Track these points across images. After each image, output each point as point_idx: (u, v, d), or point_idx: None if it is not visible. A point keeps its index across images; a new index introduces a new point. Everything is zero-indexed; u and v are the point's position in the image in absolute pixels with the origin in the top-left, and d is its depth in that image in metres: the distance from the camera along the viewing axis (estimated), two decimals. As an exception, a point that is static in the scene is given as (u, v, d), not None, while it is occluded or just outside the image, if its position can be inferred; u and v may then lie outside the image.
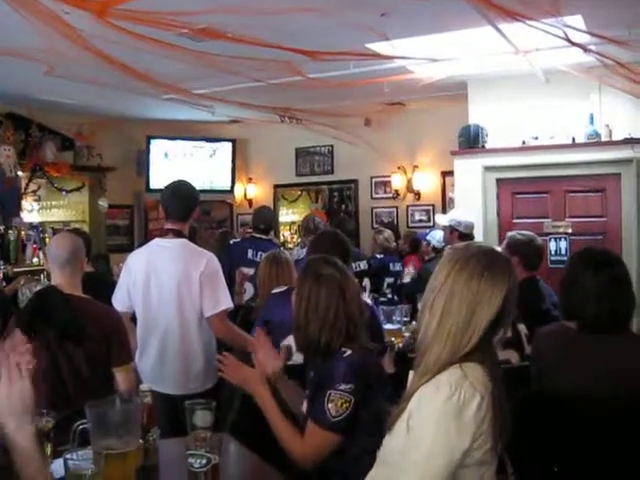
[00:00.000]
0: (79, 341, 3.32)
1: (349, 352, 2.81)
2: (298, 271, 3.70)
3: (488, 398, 2.05)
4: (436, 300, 2.17)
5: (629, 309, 3.19)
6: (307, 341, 2.93)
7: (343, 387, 2.70)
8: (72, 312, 3.34)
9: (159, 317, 4.13)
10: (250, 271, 5.83)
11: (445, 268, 2.20)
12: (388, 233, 7.85)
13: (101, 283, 4.98)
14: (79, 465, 1.89)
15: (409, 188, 9.95)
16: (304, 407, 2.96)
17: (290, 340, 3.47)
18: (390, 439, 2.21)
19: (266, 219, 6.54)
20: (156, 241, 4.33)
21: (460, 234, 5.97)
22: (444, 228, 6.20)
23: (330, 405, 2.69)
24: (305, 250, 6.85)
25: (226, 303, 4.16)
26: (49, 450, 2.33)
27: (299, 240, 8.27)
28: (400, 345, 4.86)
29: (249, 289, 5.75)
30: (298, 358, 3.61)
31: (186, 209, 4.29)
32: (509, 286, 2.14)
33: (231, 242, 6.56)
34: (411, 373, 2.28)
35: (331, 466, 2.76)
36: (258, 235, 6.34)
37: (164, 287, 4.11)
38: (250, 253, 6.06)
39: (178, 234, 4.22)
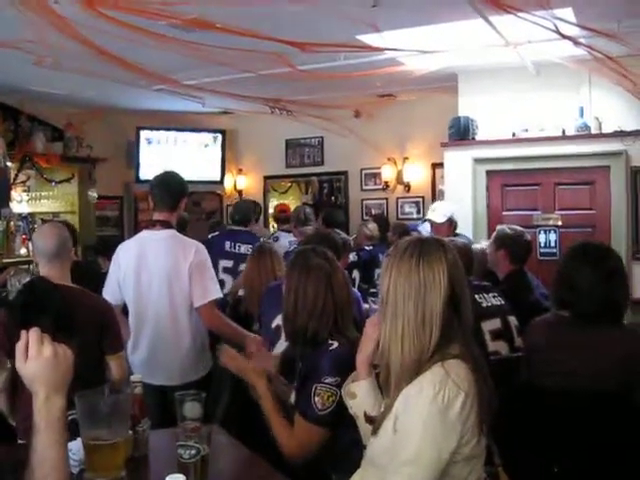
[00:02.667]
0: (72, 331, 3.30)
1: (335, 345, 2.82)
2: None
3: (472, 393, 2.06)
4: (387, 310, 2.18)
5: (622, 301, 3.22)
6: (295, 330, 2.95)
7: (329, 380, 2.71)
8: (64, 302, 3.33)
9: (150, 309, 4.13)
10: (228, 263, 5.84)
11: (386, 276, 2.21)
12: (372, 225, 7.87)
13: (89, 273, 4.97)
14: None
15: (399, 180, 9.93)
16: (292, 398, 2.97)
17: (280, 320, 3.52)
18: (376, 441, 2.22)
19: (241, 210, 6.54)
20: (144, 233, 4.32)
21: (455, 224, 6.00)
22: (441, 225, 6.10)
23: (317, 399, 2.70)
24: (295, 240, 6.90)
25: (215, 293, 4.17)
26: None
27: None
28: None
29: (229, 281, 5.74)
30: (281, 346, 3.64)
31: (173, 199, 4.28)
32: (449, 263, 2.15)
33: (209, 237, 6.54)
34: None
35: (320, 457, 2.77)
36: (236, 227, 6.34)
37: (154, 279, 4.11)
38: (228, 245, 6.04)
39: (166, 225, 4.21)
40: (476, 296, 3.79)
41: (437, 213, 6.12)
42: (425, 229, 7.09)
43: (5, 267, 7.18)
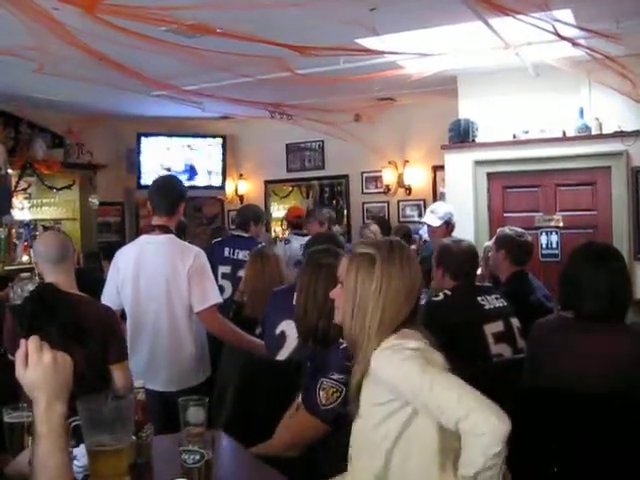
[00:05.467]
0: (80, 339, 3.30)
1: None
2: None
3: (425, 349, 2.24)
4: (373, 303, 2.32)
5: (627, 302, 3.22)
6: (306, 329, 2.98)
7: (336, 377, 2.74)
8: (73, 310, 3.33)
9: (148, 314, 4.12)
10: (226, 269, 5.82)
11: (375, 272, 2.34)
12: (374, 226, 7.88)
13: (90, 280, 4.96)
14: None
15: (400, 183, 9.92)
16: (299, 398, 2.98)
17: (284, 326, 3.55)
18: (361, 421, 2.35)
19: (242, 214, 6.47)
20: (143, 238, 4.31)
21: (452, 227, 5.95)
22: (437, 228, 6.02)
23: (321, 393, 2.73)
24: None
25: (215, 298, 4.15)
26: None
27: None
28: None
29: (227, 287, 5.73)
30: (286, 352, 3.64)
31: (171, 203, 4.26)
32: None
33: (213, 242, 6.53)
34: None
35: (322, 462, 2.77)
36: (237, 233, 6.30)
37: (153, 284, 4.10)
38: (227, 251, 5.99)
39: (165, 230, 4.20)
40: (478, 298, 3.79)
41: (433, 216, 6.02)
42: (425, 232, 7.09)
43: (8, 274, 7.16)
